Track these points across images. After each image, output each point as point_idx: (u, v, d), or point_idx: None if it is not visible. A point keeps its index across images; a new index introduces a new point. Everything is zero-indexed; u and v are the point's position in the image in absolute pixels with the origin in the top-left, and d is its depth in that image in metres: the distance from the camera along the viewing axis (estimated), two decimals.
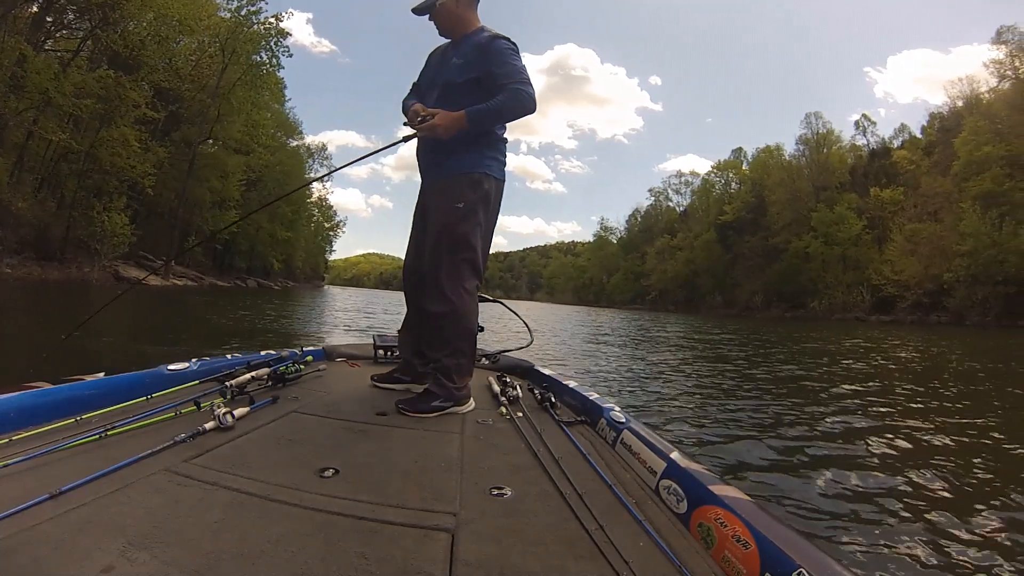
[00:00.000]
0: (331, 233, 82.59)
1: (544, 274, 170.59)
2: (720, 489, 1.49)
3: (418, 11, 2.77)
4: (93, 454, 1.61)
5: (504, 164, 2.74)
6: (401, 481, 1.62)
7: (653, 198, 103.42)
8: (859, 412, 5.94)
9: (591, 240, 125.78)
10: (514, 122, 2.71)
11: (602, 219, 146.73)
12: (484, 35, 2.61)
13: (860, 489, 3.49)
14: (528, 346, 4.38)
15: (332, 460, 1.72)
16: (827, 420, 5.45)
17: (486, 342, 5.48)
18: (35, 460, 1.51)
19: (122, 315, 11.91)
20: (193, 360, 2.67)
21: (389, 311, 23.85)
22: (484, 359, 3.74)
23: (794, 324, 37.80)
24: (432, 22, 2.77)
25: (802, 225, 64.16)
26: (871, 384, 8.28)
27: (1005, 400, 7.26)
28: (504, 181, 2.76)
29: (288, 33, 41.80)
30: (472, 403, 2.56)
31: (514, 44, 2.58)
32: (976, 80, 51.34)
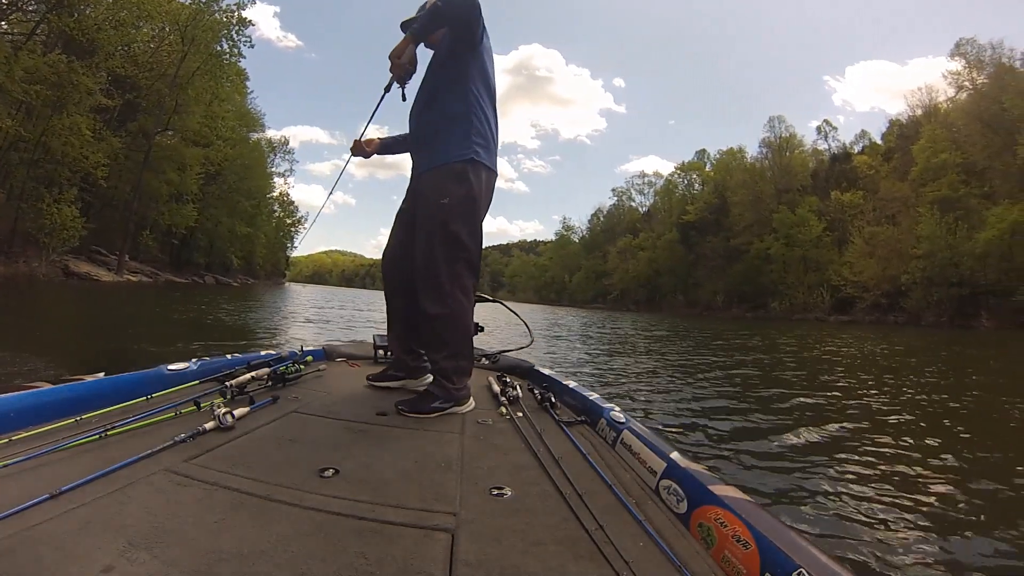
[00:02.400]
0: (292, 229, 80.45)
1: (506, 273, 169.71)
2: (720, 489, 1.49)
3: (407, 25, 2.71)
4: (93, 454, 1.60)
5: (493, 152, 2.60)
6: (401, 481, 1.61)
7: (616, 198, 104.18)
8: (834, 412, 6.10)
9: (553, 239, 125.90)
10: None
11: (564, 218, 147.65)
12: None
13: (854, 486, 3.54)
14: (528, 346, 4.37)
15: (332, 460, 1.72)
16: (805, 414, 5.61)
17: (486, 342, 5.51)
18: (35, 460, 1.50)
19: (63, 312, 11.33)
20: (193, 360, 2.64)
21: (347, 306, 23.92)
22: (484, 359, 3.71)
23: (756, 324, 38.66)
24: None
25: (764, 226, 65.46)
26: (845, 380, 8.61)
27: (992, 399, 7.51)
28: (495, 171, 2.65)
29: (250, 22, 41.04)
30: (472, 403, 2.53)
31: None
32: (935, 90, 53.41)
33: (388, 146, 3.22)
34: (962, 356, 15.48)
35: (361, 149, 3.19)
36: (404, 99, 2.62)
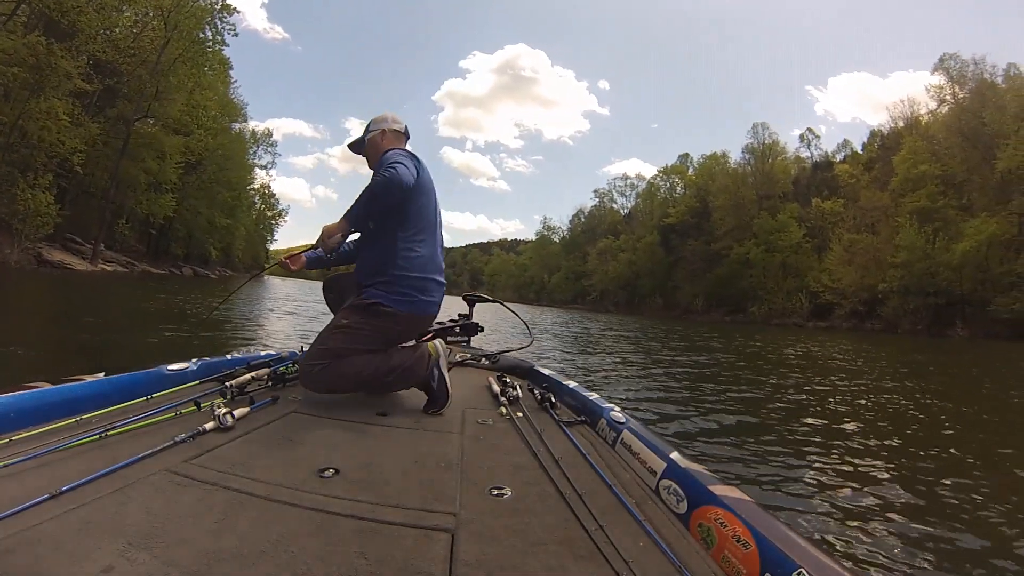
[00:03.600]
0: (273, 222, 79.54)
1: (486, 271, 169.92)
2: (720, 489, 1.50)
3: (353, 148, 2.93)
4: (93, 454, 1.60)
5: (420, 289, 2.64)
6: (401, 481, 1.61)
7: (597, 199, 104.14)
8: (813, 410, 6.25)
9: (533, 239, 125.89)
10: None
11: (545, 218, 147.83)
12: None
13: (854, 489, 3.58)
14: (528, 346, 4.46)
15: (332, 460, 1.72)
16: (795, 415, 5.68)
17: (486, 342, 5.55)
18: (35, 460, 1.50)
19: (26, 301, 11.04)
20: (193, 360, 2.65)
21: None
22: (484, 359, 3.74)
23: (735, 327, 39.17)
24: (365, 156, 2.88)
25: (744, 231, 65.88)
26: (827, 384, 8.74)
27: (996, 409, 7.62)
28: (411, 314, 2.65)
29: (235, 10, 40.67)
30: (439, 345, 2.63)
31: (402, 151, 2.65)
32: (917, 102, 54.01)
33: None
34: (946, 364, 15.89)
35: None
36: (329, 268, 2.84)
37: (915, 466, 4.19)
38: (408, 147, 2.85)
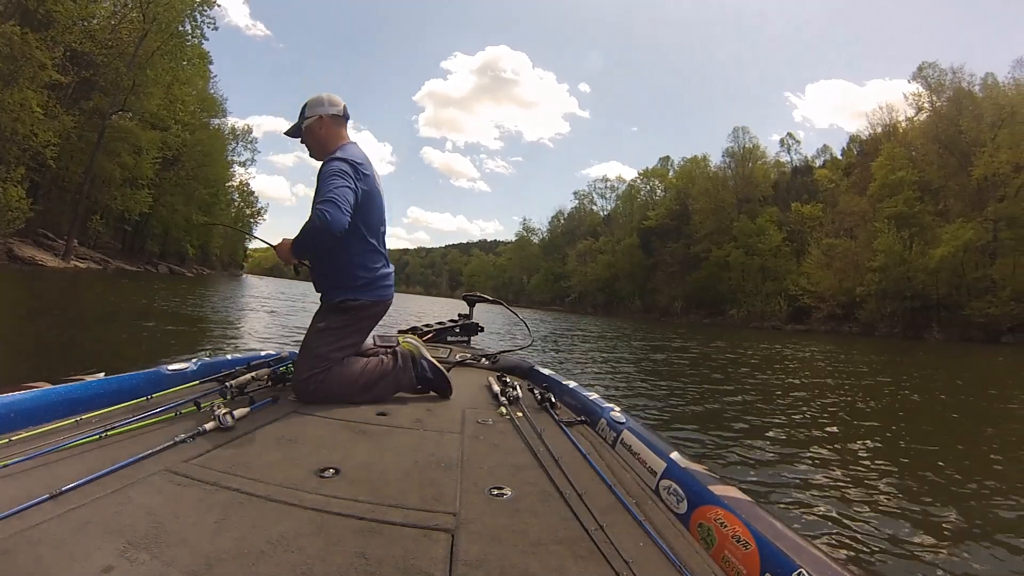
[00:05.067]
0: (252, 220, 77.49)
1: (465, 272, 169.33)
2: (720, 489, 1.50)
3: (290, 134, 2.85)
4: (93, 454, 1.59)
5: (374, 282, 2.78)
6: (401, 481, 1.61)
7: (577, 201, 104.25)
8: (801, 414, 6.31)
9: (513, 240, 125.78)
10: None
11: (524, 219, 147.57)
12: (331, 155, 2.61)
13: (853, 486, 3.63)
14: (528, 346, 4.52)
15: (332, 460, 1.71)
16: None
17: (486, 342, 5.60)
18: (35, 460, 1.50)
19: None
20: (193, 360, 2.65)
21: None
22: (484, 359, 3.75)
23: (715, 330, 39.46)
24: (304, 144, 2.83)
25: (724, 235, 66.37)
26: (809, 385, 8.87)
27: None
28: (375, 301, 2.80)
29: (215, 3, 40.00)
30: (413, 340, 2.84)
31: (345, 160, 2.56)
32: (895, 109, 54.72)
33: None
34: (934, 367, 16.21)
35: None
36: (298, 274, 2.85)
37: (915, 466, 4.24)
38: (349, 132, 2.83)
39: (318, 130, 2.74)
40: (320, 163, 2.65)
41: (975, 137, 42.49)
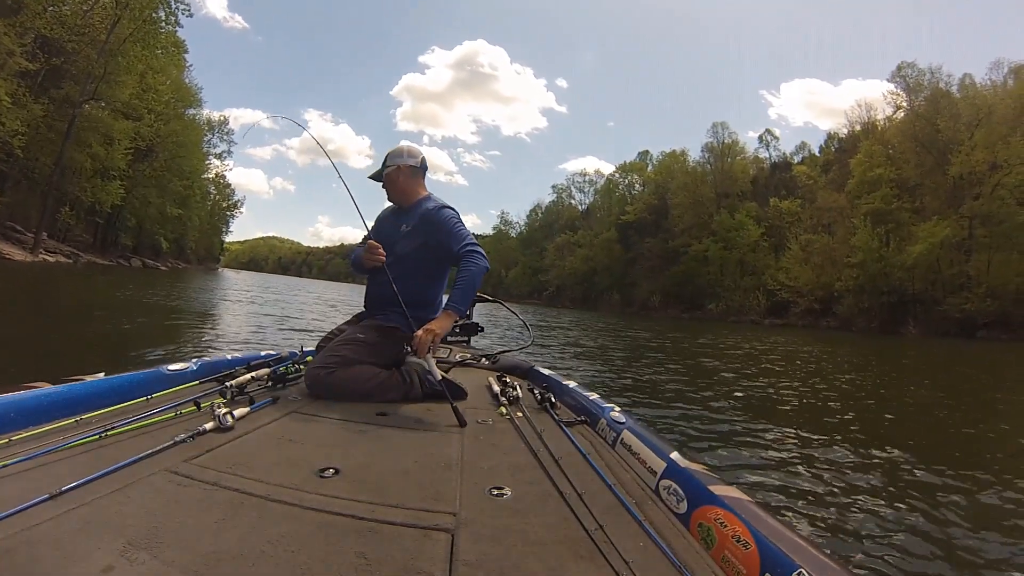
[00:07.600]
0: (228, 213, 77.20)
1: None
2: (720, 489, 1.50)
3: (373, 178, 3.13)
4: (93, 454, 1.60)
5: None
6: (401, 481, 1.61)
7: (555, 195, 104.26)
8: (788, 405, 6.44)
9: (490, 233, 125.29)
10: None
11: (502, 213, 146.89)
12: (430, 204, 2.92)
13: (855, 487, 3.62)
14: (528, 346, 4.55)
15: (332, 460, 1.71)
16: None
17: (486, 342, 5.63)
18: (35, 460, 1.50)
19: None
20: (193, 360, 2.65)
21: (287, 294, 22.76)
22: (484, 359, 3.75)
23: (694, 324, 40.08)
24: (384, 189, 3.09)
25: (703, 229, 66.93)
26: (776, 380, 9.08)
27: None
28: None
29: None
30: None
31: (456, 212, 2.91)
32: (873, 107, 55.67)
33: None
34: (917, 361, 16.66)
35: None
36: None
37: (914, 466, 4.22)
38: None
39: (396, 179, 3.00)
40: (399, 204, 3.06)
41: (952, 136, 43.40)
